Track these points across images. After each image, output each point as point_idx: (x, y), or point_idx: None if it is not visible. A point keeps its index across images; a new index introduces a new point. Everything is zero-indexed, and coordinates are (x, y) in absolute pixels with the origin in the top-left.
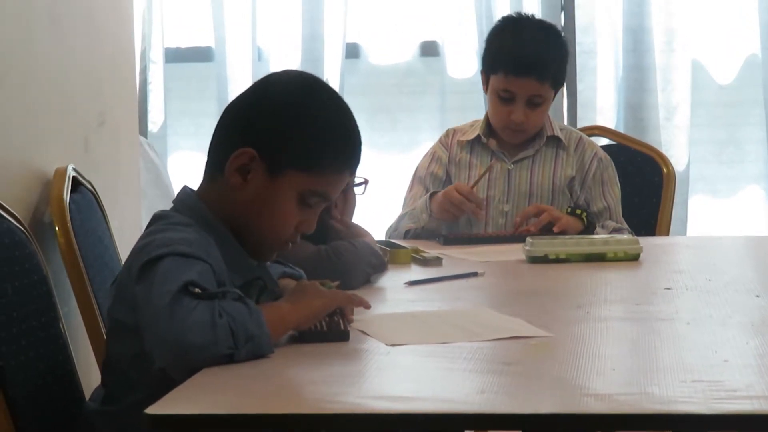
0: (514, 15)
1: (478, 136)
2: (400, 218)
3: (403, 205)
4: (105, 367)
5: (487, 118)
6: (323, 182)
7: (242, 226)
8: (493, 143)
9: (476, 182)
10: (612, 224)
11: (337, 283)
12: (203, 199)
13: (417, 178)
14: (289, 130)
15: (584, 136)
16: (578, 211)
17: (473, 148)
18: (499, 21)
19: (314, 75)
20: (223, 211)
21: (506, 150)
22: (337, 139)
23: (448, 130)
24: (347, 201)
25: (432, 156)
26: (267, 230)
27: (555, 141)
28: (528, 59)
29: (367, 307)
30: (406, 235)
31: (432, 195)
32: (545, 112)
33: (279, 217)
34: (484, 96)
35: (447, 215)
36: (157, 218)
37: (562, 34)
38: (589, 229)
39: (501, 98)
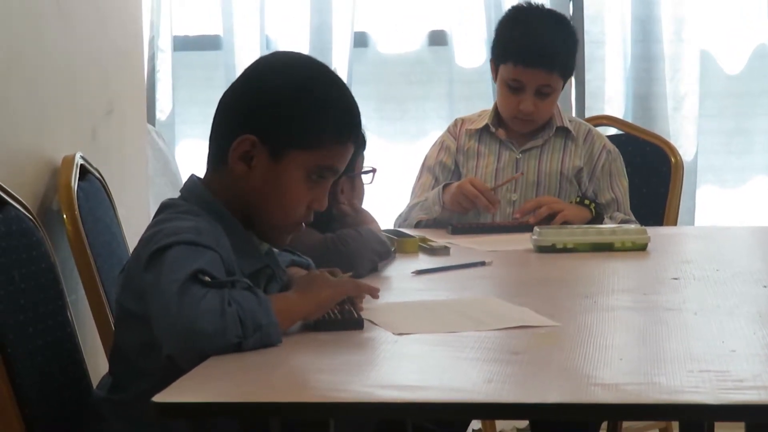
0: (524, 4)
1: (487, 126)
2: (411, 208)
3: (412, 194)
4: (112, 355)
5: (496, 107)
6: (328, 156)
7: (253, 213)
8: (501, 133)
9: (500, 185)
10: (620, 216)
11: (349, 274)
12: (209, 188)
13: (426, 167)
14: (286, 112)
15: (593, 128)
16: (586, 201)
17: (481, 137)
18: (509, 11)
19: (303, 53)
20: (231, 200)
21: (514, 139)
22: (334, 112)
23: (456, 120)
24: (355, 188)
25: (440, 145)
26: (279, 213)
27: (564, 132)
28: (537, 50)
29: (376, 296)
30: (417, 225)
31: (445, 186)
32: (554, 102)
33: (289, 199)
34: (492, 85)
35: (459, 208)
36: (165, 207)
37: (572, 24)
38: (597, 219)
39: (510, 88)
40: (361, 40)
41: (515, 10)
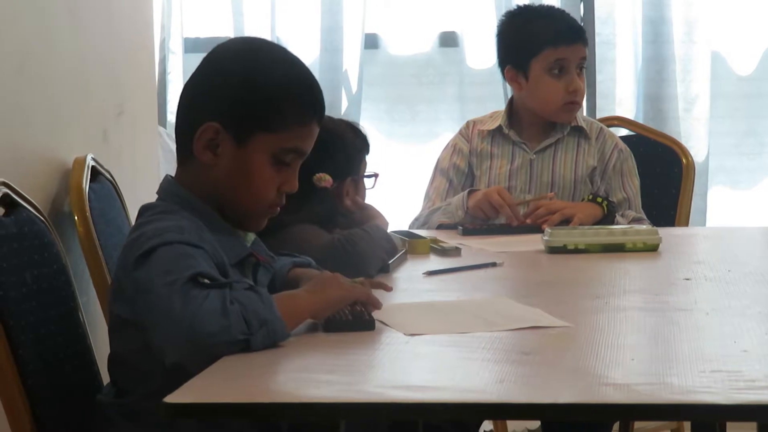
0: (520, 6)
1: (500, 127)
2: (432, 212)
3: (425, 198)
4: (111, 363)
5: (508, 108)
6: (292, 138)
7: (226, 202)
8: (514, 134)
9: (523, 202)
10: (632, 213)
11: (361, 279)
12: (183, 184)
13: (439, 170)
14: (246, 96)
15: (604, 127)
16: (599, 199)
17: (494, 139)
18: (508, 16)
19: (259, 37)
20: (204, 192)
21: (527, 140)
22: (294, 92)
23: (468, 122)
24: (359, 190)
25: (453, 148)
26: (250, 199)
27: (577, 131)
28: (571, 26)
29: (388, 289)
30: (439, 228)
31: (470, 192)
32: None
33: (259, 184)
34: (503, 86)
35: (480, 214)
36: (144, 210)
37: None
38: (609, 218)
39: (553, 75)
40: (371, 42)
41: (520, 11)
